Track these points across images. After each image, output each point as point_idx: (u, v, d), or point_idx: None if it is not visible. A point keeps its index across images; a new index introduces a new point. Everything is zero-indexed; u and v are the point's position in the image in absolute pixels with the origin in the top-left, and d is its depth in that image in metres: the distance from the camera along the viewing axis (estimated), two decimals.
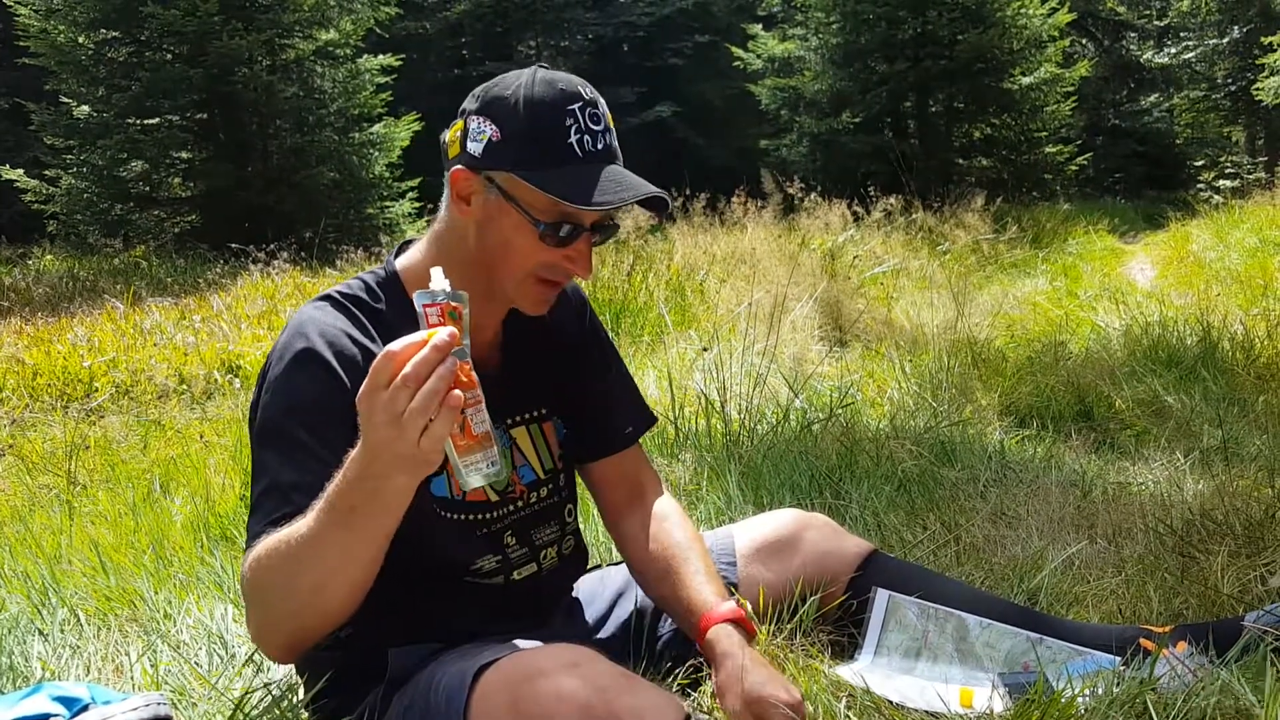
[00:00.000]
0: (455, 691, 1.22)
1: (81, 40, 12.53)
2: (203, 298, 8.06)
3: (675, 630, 1.59)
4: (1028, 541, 2.22)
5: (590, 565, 1.73)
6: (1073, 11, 16.62)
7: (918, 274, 7.76)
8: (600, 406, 1.60)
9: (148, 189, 13.24)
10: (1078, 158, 17.14)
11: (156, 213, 13.23)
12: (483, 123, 1.33)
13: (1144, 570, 2.00)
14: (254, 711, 1.46)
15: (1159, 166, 22.35)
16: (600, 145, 1.33)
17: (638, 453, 1.66)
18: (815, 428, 3.13)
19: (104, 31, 12.66)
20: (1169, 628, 1.62)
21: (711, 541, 1.69)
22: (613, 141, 1.36)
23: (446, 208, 1.40)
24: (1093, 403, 3.44)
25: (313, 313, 1.38)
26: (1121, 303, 5.71)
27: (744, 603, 1.53)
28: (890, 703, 1.48)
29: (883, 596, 1.63)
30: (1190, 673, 1.48)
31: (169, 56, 12.58)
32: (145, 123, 12.80)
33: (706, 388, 3.40)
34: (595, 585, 1.70)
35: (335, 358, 1.31)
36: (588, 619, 1.65)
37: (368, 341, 1.35)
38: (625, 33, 23.86)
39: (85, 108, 12.71)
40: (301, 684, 1.48)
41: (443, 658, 1.33)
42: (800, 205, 9.02)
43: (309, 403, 1.30)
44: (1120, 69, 23.91)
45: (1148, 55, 23.56)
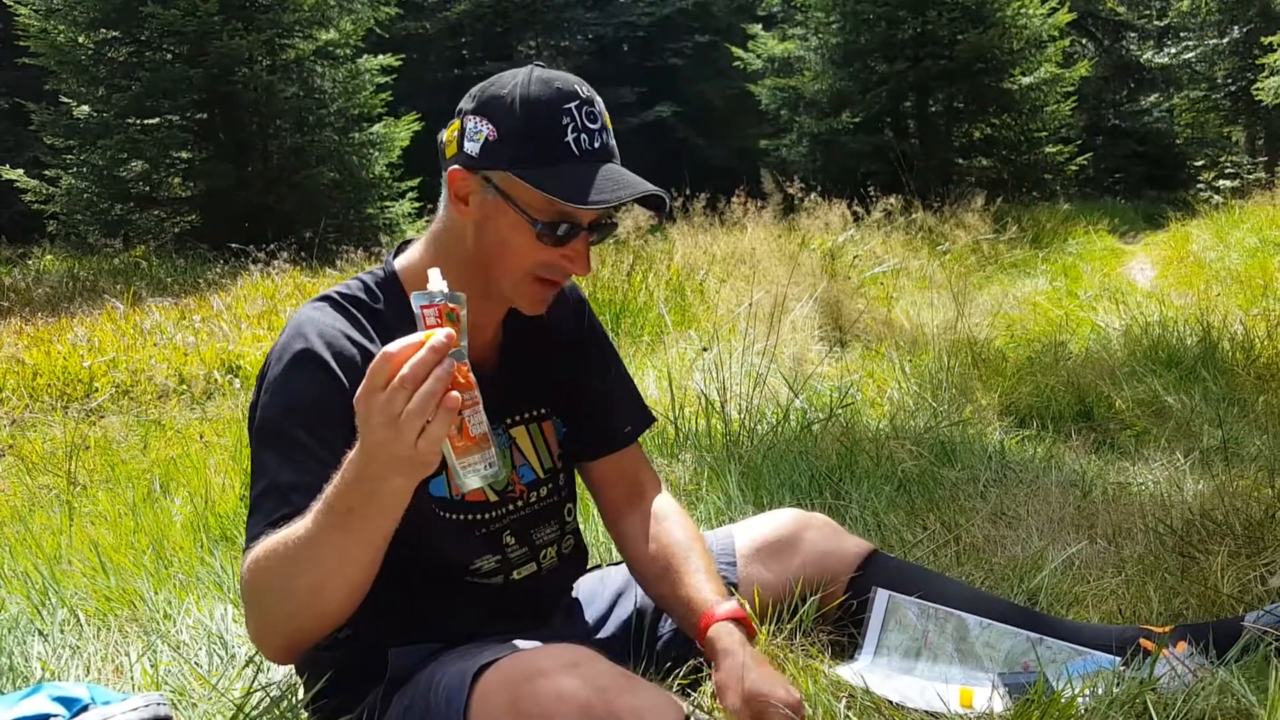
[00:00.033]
0: (455, 691, 1.22)
1: (81, 40, 12.52)
2: (203, 298, 8.06)
3: (675, 630, 1.59)
4: (1028, 541, 2.22)
5: (590, 565, 1.73)
6: (1073, 11, 16.63)
7: (918, 274, 7.76)
8: (599, 405, 1.60)
9: (148, 189, 13.23)
10: (1078, 158, 17.14)
11: (156, 213, 13.22)
12: (479, 122, 1.33)
13: (1144, 570, 2.00)
14: (254, 712, 1.46)
15: (1159, 166, 22.35)
16: (597, 144, 1.33)
17: (637, 452, 1.66)
18: (815, 428, 3.13)
19: (104, 31, 12.66)
20: (1169, 628, 1.62)
21: (711, 541, 1.69)
22: (610, 140, 1.36)
23: (444, 208, 1.40)
24: (1093, 403, 3.43)
25: (311, 313, 1.38)
26: (1121, 303, 5.71)
27: (744, 603, 1.53)
28: (890, 703, 1.48)
29: (883, 596, 1.63)
30: (1190, 673, 1.48)
31: (169, 56, 12.57)
32: (145, 123, 12.80)
33: (706, 388, 3.40)
34: (595, 585, 1.70)
35: (334, 358, 1.32)
36: (588, 619, 1.65)
37: (366, 342, 1.35)
38: (625, 33, 23.86)
39: (85, 108, 12.71)
40: (301, 684, 1.48)
41: (443, 658, 1.33)
42: (800, 205, 9.01)
43: (308, 403, 1.30)
44: (1120, 69, 23.91)
45: (1148, 55, 23.56)
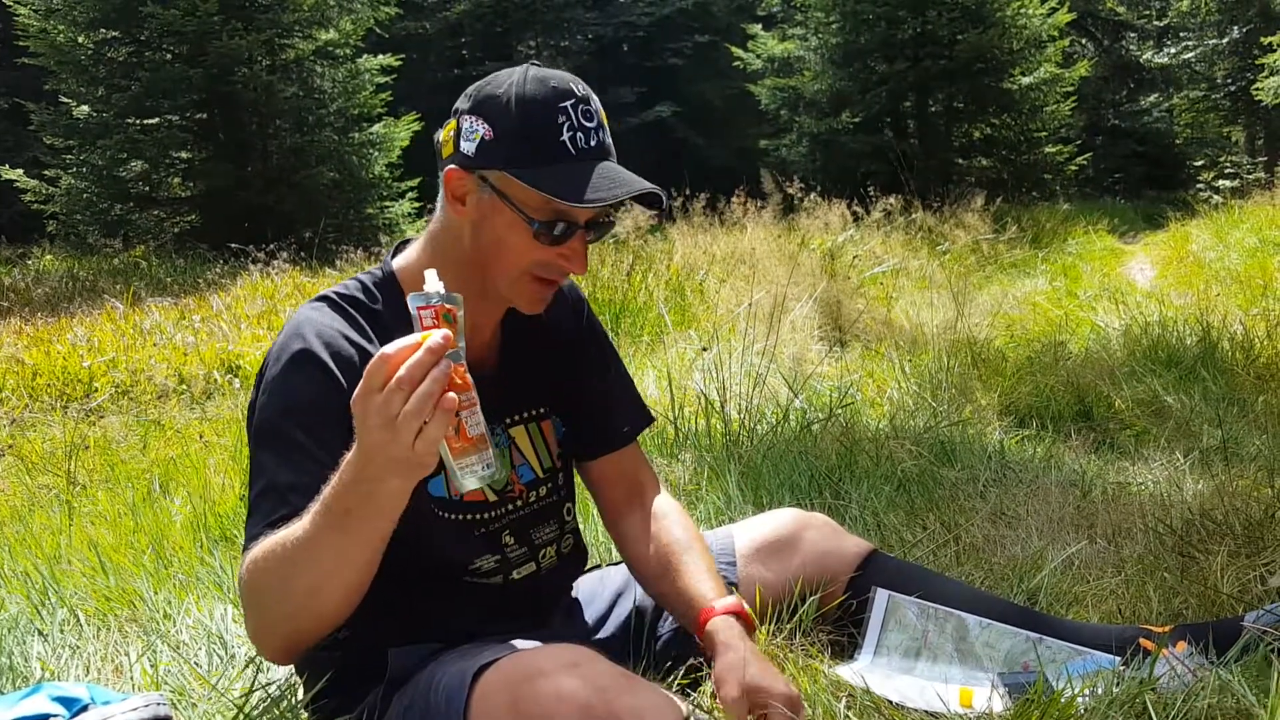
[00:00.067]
0: (455, 691, 1.22)
1: (81, 40, 12.53)
2: (202, 298, 8.06)
3: (675, 630, 1.59)
4: (1027, 541, 2.22)
5: (590, 565, 1.73)
6: (1073, 11, 16.64)
7: (917, 274, 7.75)
8: (599, 405, 1.60)
9: (147, 189, 13.24)
10: (1077, 158, 17.15)
11: (156, 213, 13.23)
12: (475, 122, 1.33)
13: (1144, 570, 2.00)
14: (254, 712, 1.46)
15: (1159, 166, 22.36)
16: (593, 142, 1.33)
17: (636, 451, 1.66)
18: (815, 428, 3.13)
19: (104, 31, 12.66)
20: (1169, 628, 1.62)
21: (711, 541, 1.68)
22: (606, 138, 1.36)
23: (442, 208, 1.40)
24: (1092, 403, 3.43)
25: (310, 314, 1.37)
26: (1121, 303, 5.71)
27: (743, 601, 1.53)
28: (890, 703, 1.48)
29: (882, 596, 1.63)
30: (1190, 673, 1.48)
31: (169, 56, 12.58)
32: (145, 123, 12.81)
33: (706, 388, 3.40)
34: (595, 585, 1.70)
35: (332, 359, 1.31)
36: (587, 619, 1.65)
37: (364, 342, 1.35)
38: (625, 33, 23.87)
39: (85, 108, 12.72)
40: (301, 684, 1.48)
41: (442, 658, 1.33)
42: (800, 205, 9.01)
43: (306, 404, 1.30)
44: (1120, 69, 23.91)
45: (1147, 55, 23.57)
